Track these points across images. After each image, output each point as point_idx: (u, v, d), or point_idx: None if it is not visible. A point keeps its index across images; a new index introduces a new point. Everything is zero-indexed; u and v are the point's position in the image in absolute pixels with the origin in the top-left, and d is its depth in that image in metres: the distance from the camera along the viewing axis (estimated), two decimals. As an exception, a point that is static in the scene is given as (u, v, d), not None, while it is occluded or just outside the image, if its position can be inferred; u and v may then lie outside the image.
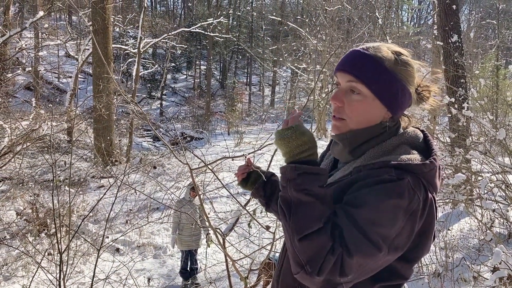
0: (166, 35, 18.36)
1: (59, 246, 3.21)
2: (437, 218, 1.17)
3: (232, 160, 2.76)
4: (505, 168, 4.95)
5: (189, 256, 6.13)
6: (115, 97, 12.54)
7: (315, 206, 1.02)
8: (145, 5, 15.35)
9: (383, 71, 1.15)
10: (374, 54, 1.16)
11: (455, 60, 7.77)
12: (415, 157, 1.12)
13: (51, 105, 14.91)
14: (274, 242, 2.92)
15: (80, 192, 8.79)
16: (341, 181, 1.16)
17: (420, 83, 1.24)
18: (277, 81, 34.96)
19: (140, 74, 16.60)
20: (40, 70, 17.66)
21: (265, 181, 1.62)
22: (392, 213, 1.01)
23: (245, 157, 1.73)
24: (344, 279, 1.01)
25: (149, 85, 28.62)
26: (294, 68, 25.05)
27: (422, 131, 1.26)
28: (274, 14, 31.22)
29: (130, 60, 22.08)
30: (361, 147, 1.20)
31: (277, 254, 4.40)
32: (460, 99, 6.77)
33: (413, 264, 1.15)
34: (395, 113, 1.19)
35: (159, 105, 27.51)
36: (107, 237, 7.05)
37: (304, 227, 1.01)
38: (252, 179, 1.64)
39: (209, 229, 5.46)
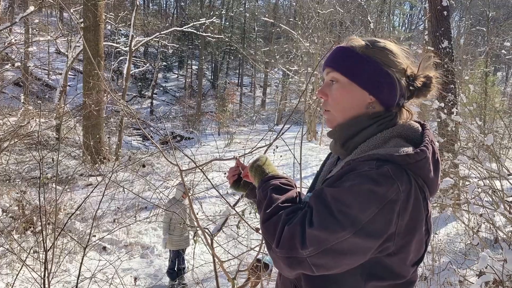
0: (158, 34, 18.29)
1: (45, 244, 3.16)
2: (430, 213, 1.14)
3: (223, 161, 2.75)
4: (492, 173, 4.99)
5: (178, 256, 6.10)
6: (105, 95, 12.44)
7: (267, 199, 1.19)
8: (138, 3, 15.28)
9: (354, 56, 1.20)
10: (346, 45, 1.24)
11: (445, 65, 7.84)
12: (404, 149, 1.09)
13: (40, 102, 14.73)
14: (263, 244, 2.91)
15: (68, 190, 8.71)
16: (335, 175, 1.16)
17: (416, 72, 1.23)
18: (269, 83, 34.95)
19: (131, 72, 16.49)
20: (30, 66, 17.44)
21: None
22: (364, 197, 1.01)
23: (235, 158, 1.71)
24: (306, 251, 1.01)
25: (140, 83, 28.45)
26: (285, 70, 25.08)
27: (423, 124, 1.23)
28: (266, 15, 31.20)
29: (121, 58, 21.96)
30: (352, 141, 1.19)
31: (266, 256, 4.39)
32: (450, 104, 6.82)
33: (405, 260, 1.10)
34: (377, 95, 1.18)
35: (149, 104, 27.34)
36: (94, 236, 6.99)
37: (266, 214, 1.14)
38: (244, 180, 1.61)
39: (198, 229, 5.44)
